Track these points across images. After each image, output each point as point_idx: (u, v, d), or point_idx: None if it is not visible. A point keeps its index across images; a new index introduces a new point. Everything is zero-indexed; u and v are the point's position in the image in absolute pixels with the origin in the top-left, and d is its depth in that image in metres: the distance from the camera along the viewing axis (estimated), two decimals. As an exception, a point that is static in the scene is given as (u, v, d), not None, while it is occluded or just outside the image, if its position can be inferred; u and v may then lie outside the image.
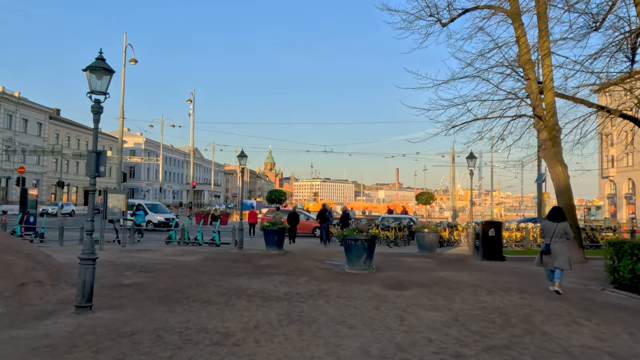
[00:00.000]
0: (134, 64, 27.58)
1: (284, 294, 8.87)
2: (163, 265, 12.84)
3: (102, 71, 7.18)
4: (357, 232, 11.98)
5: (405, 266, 13.52)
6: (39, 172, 64.83)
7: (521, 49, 13.97)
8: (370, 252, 12.15)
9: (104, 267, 12.25)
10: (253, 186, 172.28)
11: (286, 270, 12.49)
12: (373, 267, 12.30)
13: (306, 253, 17.25)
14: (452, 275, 11.76)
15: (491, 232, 15.11)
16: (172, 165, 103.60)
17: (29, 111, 62.32)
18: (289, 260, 14.89)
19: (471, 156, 17.92)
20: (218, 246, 19.32)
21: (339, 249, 18.93)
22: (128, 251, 16.51)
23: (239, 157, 18.39)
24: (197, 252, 16.61)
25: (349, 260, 12.19)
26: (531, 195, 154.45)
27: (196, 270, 12.16)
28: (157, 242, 20.15)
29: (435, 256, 16.84)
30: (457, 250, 19.50)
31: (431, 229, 17.43)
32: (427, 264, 14.35)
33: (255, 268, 12.81)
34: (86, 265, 6.97)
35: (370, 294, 9.01)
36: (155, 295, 8.64)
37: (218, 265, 13.18)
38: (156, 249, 17.63)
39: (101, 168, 7.27)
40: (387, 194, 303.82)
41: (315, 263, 14.15)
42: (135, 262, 13.63)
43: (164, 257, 15.06)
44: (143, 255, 15.24)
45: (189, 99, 38.59)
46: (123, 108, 26.67)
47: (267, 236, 17.49)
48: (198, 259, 14.56)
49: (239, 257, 15.61)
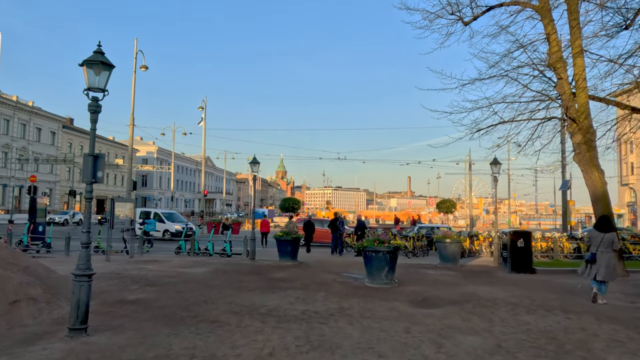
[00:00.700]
0: (145, 71, 27.12)
1: (301, 313, 8.02)
2: (171, 279, 12.07)
3: (101, 66, 6.46)
4: (378, 243, 11.11)
5: (429, 280, 12.58)
6: (52, 180, 64.96)
7: (552, 46, 13.08)
8: (392, 264, 11.26)
9: (108, 280, 11.53)
10: (265, 195, 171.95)
11: (301, 284, 11.65)
12: (395, 281, 11.40)
13: (321, 264, 16.39)
14: (482, 290, 10.80)
15: (520, 242, 14.12)
16: (184, 173, 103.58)
17: (42, 120, 62.59)
18: (303, 272, 14.04)
19: (495, 162, 16.96)
20: (229, 257, 18.54)
21: (355, 260, 18.04)
22: (136, 262, 15.79)
23: (251, 164, 17.65)
24: (207, 264, 15.83)
25: (369, 274, 11.31)
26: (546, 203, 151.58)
27: (205, 284, 11.37)
28: (166, 253, 19.45)
29: (458, 268, 15.86)
30: (479, 262, 18.47)
31: (453, 239, 16.47)
32: (452, 277, 13.39)
33: (268, 281, 11.99)
34: (81, 283, 6.20)
35: (397, 313, 8.11)
36: (160, 314, 7.84)
37: (229, 278, 12.38)
38: (165, 259, 16.90)
39: (99, 173, 6.53)
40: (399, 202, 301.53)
41: (332, 276, 13.28)
42: (142, 274, 12.88)
43: (173, 269, 14.30)
44: (151, 267, 14.50)
45: (201, 106, 38.14)
46: (133, 115, 26.20)
47: (280, 246, 16.67)
48: (208, 271, 13.78)
49: (251, 268, 14.80)
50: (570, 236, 21.41)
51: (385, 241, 11.23)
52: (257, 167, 17.60)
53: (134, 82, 26.22)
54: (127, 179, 26.34)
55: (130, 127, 26.12)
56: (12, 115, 57.40)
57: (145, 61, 27.23)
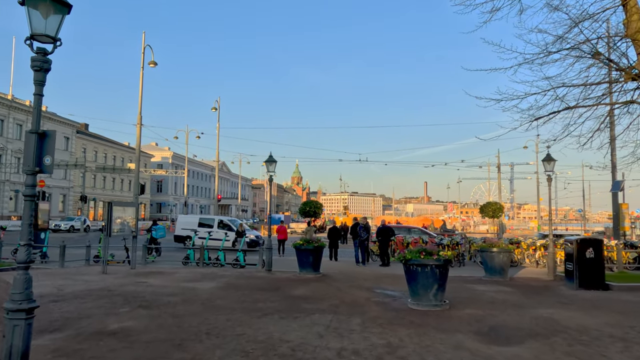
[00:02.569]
0: (154, 67, 25.34)
1: (336, 355, 5.86)
2: (171, 297, 10.02)
3: (50, 5, 4.44)
4: (425, 255, 8.91)
5: (484, 299, 10.31)
6: (65, 186, 64.04)
7: (630, 14, 10.80)
8: (443, 282, 9.04)
9: (96, 300, 9.53)
10: (280, 200, 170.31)
11: (329, 304, 9.49)
12: (445, 302, 9.17)
13: (347, 277, 14.21)
14: (560, 315, 8.51)
15: (589, 252, 11.76)
16: (199, 179, 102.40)
17: (56, 125, 61.64)
18: (329, 288, 11.88)
19: (549, 158, 14.59)
20: (243, 267, 16.49)
21: (383, 272, 15.83)
22: (136, 275, 13.82)
23: (267, 163, 15.57)
24: (217, 276, 13.79)
25: (414, 293, 9.10)
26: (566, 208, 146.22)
27: (212, 304, 9.29)
28: (173, 263, 17.46)
29: (509, 282, 13.53)
30: (527, 273, 16.07)
31: (502, 248, 14.13)
32: (509, 294, 11.09)
33: (288, 301, 9.86)
34: (14, 321, 4.15)
35: (469, 355, 5.90)
36: (144, 356, 5.77)
37: (241, 297, 10.28)
38: (170, 271, 14.91)
39: (46, 160, 4.53)
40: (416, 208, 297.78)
41: (364, 293, 11.09)
42: (139, 290, 10.88)
43: (177, 283, 12.27)
44: (152, 281, 12.50)
45: (214, 106, 36.40)
46: (141, 114, 24.39)
47: (300, 257, 14.55)
48: (217, 287, 11.70)
49: (268, 283, 12.69)
50: (629, 244, 18.90)
51: (434, 252, 9.02)
52: (273, 166, 15.54)
53: (142, 78, 24.45)
54: (135, 182, 24.51)
55: (138, 126, 24.31)
56: (26, 120, 56.60)
57: (154, 57, 25.48)
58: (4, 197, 53.79)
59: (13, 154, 53.91)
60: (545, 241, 19.23)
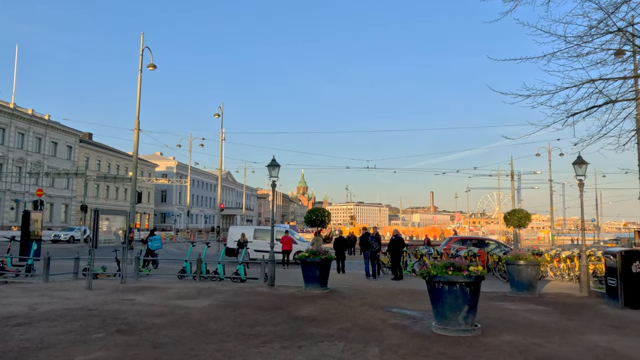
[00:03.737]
0: (153, 70, 24.24)
1: (352, 405, 4.50)
2: (157, 319, 8.69)
3: None
4: (454, 271, 7.54)
5: (518, 322, 8.89)
6: (67, 196, 63.17)
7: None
8: (474, 302, 7.65)
9: (69, 322, 8.22)
10: (286, 210, 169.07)
11: (339, 328, 8.13)
12: (477, 326, 7.76)
13: (358, 293, 12.82)
14: (621, 344, 7.08)
15: (636, 266, 10.31)
16: (204, 189, 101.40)
17: (58, 134, 61.00)
18: (338, 307, 10.50)
19: (580, 161, 13.19)
20: (243, 281, 15.15)
21: (396, 287, 14.44)
22: (124, 290, 12.52)
23: (270, 167, 14.27)
24: (214, 292, 12.45)
25: (440, 315, 7.70)
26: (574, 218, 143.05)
27: (203, 328, 7.94)
28: (169, 276, 16.13)
29: (539, 298, 12.09)
30: (554, 287, 14.60)
31: (530, 261, 12.68)
32: (546, 314, 9.66)
33: (291, 323, 8.50)
34: None
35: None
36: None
37: (237, 318, 8.93)
38: (163, 286, 13.59)
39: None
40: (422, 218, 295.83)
41: (379, 313, 9.71)
42: (122, 310, 9.56)
43: (167, 300, 10.95)
44: (140, 298, 11.18)
45: (217, 113, 35.29)
46: (139, 119, 23.29)
47: (306, 270, 13.18)
48: (212, 305, 10.36)
49: (269, 300, 11.33)
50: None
51: (463, 267, 7.64)
52: (276, 170, 14.23)
53: (140, 81, 23.37)
54: (132, 190, 23.34)
55: (135, 131, 23.18)
56: (27, 129, 55.90)
57: (152, 59, 24.39)
58: (5, 207, 52.88)
59: (14, 163, 53.13)
60: (571, 252, 17.78)
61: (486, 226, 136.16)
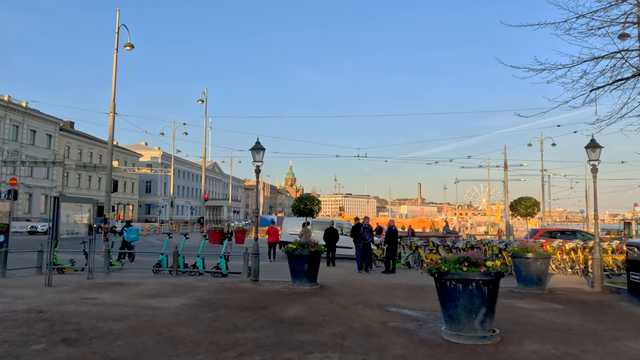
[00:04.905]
0: (130, 50, 22.63)
1: None
2: (116, 324, 7.36)
3: None
4: (468, 267, 6.33)
5: (538, 324, 7.73)
6: (48, 186, 60.94)
7: None
8: (492, 303, 6.46)
9: (8, 329, 6.88)
10: (274, 202, 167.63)
11: (332, 333, 6.89)
12: (495, 332, 6.57)
13: (351, 289, 11.61)
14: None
15: (663, 260, 9.23)
16: (190, 180, 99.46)
17: (37, 122, 58.68)
18: (330, 305, 9.27)
19: (593, 144, 12.06)
20: (225, 276, 13.85)
21: (392, 281, 13.25)
22: (89, 287, 11.14)
23: (253, 150, 12.92)
24: (190, 289, 11.14)
25: (452, 319, 6.49)
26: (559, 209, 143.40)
27: (169, 335, 6.65)
28: (144, 270, 14.72)
29: (549, 295, 10.99)
30: (561, 282, 13.55)
31: (539, 254, 11.57)
32: (566, 315, 8.53)
33: (276, 327, 7.25)
34: None
35: None
36: None
37: (213, 321, 7.65)
38: (134, 282, 12.24)
39: None
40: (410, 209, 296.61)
41: (376, 313, 8.50)
42: (79, 312, 8.22)
43: (134, 299, 9.62)
44: (104, 297, 9.84)
45: (201, 98, 33.70)
46: (114, 102, 21.72)
47: (293, 264, 11.91)
48: (185, 305, 9.05)
49: (252, 298, 10.05)
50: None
51: (479, 262, 6.43)
52: (260, 154, 12.89)
53: (115, 61, 21.78)
54: (107, 179, 21.82)
55: (111, 115, 21.59)
56: (4, 116, 53.58)
57: (130, 39, 22.76)
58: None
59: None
60: (575, 244, 16.75)
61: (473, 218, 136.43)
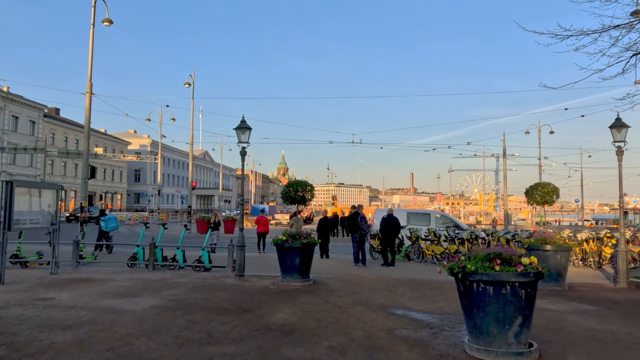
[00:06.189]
0: (109, 25, 20.91)
1: None
2: (62, 334, 5.99)
3: None
4: (502, 266, 5.01)
5: (576, 332, 6.48)
6: (31, 174, 59.00)
7: None
8: (529, 311, 5.17)
9: None
10: (266, 191, 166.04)
11: (329, 347, 5.58)
12: (533, 347, 5.28)
13: (349, 285, 10.31)
14: None
15: None
16: (180, 168, 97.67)
17: (20, 108, 56.56)
18: (325, 307, 7.95)
19: (619, 124, 10.77)
20: (208, 270, 12.49)
21: (393, 275, 11.93)
22: (49, 285, 9.74)
23: (238, 130, 11.47)
24: (165, 286, 9.77)
25: (479, 329, 5.20)
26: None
27: (125, 351, 5.29)
28: (119, 264, 13.29)
29: (571, 292, 9.77)
30: (575, 275, 12.33)
31: (559, 246, 10.33)
32: (605, 319, 7.28)
33: (261, 338, 5.92)
34: None
35: None
36: None
37: (184, 329, 6.29)
38: (104, 277, 10.84)
39: None
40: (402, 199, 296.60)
41: (380, 317, 7.20)
42: (24, 317, 6.83)
43: (98, 300, 8.23)
44: (62, 297, 8.45)
45: (187, 82, 32.03)
46: (91, 81, 20.09)
47: (283, 257, 10.57)
48: (155, 308, 7.68)
49: (235, 298, 8.71)
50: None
51: (514, 259, 5.12)
52: (246, 134, 11.46)
53: (92, 38, 20.09)
54: (84, 164, 20.26)
55: (87, 95, 19.93)
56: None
57: (108, 14, 21.03)
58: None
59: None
60: (587, 234, 15.57)
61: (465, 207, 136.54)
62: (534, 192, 14.09)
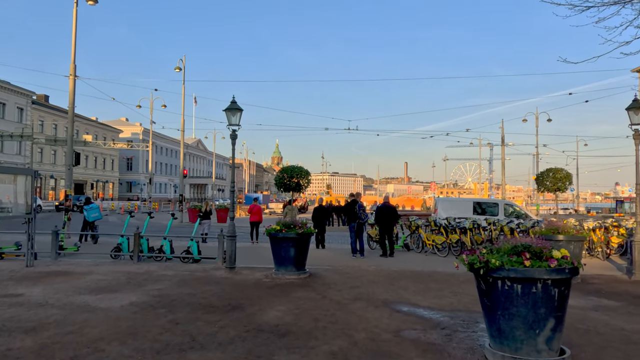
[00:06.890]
0: (93, 5, 19.86)
1: None
2: (22, 338, 5.22)
3: None
4: (532, 261, 4.30)
5: (605, 332, 5.81)
6: (20, 162, 57.69)
7: None
8: (562, 312, 4.47)
9: None
10: (260, 180, 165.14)
11: (329, 351, 4.87)
12: (565, 353, 4.57)
13: (347, 278, 9.59)
14: None
15: None
16: (173, 157, 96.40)
17: (6, 94, 55.06)
18: (323, 303, 7.22)
19: (638, 105, 10.07)
20: (197, 261, 11.73)
21: (393, 267, 11.23)
22: (21, 278, 8.96)
23: (228, 111, 10.63)
24: (150, 280, 9.01)
25: (503, 333, 4.48)
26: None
27: (95, 357, 4.55)
28: (102, 255, 12.49)
29: (585, 285, 9.12)
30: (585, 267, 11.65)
31: (572, 235, 9.67)
32: (632, 318, 6.62)
33: (251, 342, 5.19)
34: None
35: None
36: None
37: (164, 332, 5.55)
38: (84, 270, 10.06)
39: None
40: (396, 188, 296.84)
41: (384, 315, 6.48)
42: (-15, 317, 6.05)
43: (71, 296, 7.47)
44: (32, 292, 7.68)
45: (178, 66, 30.95)
46: (75, 63, 19.12)
47: (277, 248, 9.82)
48: (134, 305, 6.92)
49: (224, 293, 7.96)
50: None
51: (546, 253, 4.40)
52: (237, 116, 10.63)
53: (75, 17, 19.06)
54: (68, 151, 19.37)
55: (71, 78, 18.97)
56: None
57: None
58: None
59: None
60: (594, 223, 14.94)
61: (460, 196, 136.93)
62: (545, 179, 13.33)
